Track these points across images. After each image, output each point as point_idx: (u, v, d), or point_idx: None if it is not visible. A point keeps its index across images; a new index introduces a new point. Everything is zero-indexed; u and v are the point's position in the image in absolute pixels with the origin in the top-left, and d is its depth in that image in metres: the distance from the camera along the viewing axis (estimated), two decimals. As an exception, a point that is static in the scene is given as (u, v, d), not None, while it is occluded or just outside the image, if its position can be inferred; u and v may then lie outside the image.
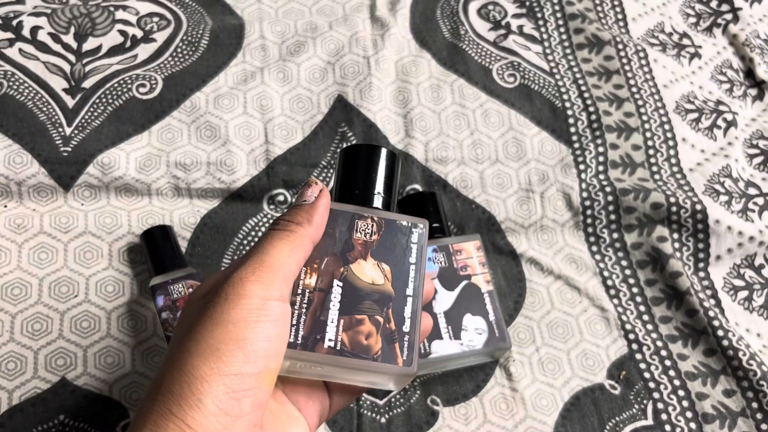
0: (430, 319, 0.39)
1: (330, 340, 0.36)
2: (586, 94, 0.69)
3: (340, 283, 0.37)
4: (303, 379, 0.37)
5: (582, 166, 0.65)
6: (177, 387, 0.29)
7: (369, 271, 0.38)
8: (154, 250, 0.53)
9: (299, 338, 0.35)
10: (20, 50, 0.60)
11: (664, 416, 0.55)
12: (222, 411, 0.29)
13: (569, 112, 0.68)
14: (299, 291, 0.36)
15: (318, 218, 0.36)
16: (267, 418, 0.33)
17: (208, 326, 0.30)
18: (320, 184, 0.37)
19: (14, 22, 0.61)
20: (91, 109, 0.59)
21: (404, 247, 0.40)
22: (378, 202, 0.41)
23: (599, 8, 0.75)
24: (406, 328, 0.37)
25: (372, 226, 0.39)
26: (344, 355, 0.35)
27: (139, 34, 0.63)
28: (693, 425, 0.55)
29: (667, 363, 0.57)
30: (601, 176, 0.64)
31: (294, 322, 0.34)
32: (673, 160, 0.67)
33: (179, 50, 0.63)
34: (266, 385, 0.31)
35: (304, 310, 0.35)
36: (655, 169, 0.66)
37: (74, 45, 0.61)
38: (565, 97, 0.69)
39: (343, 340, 0.36)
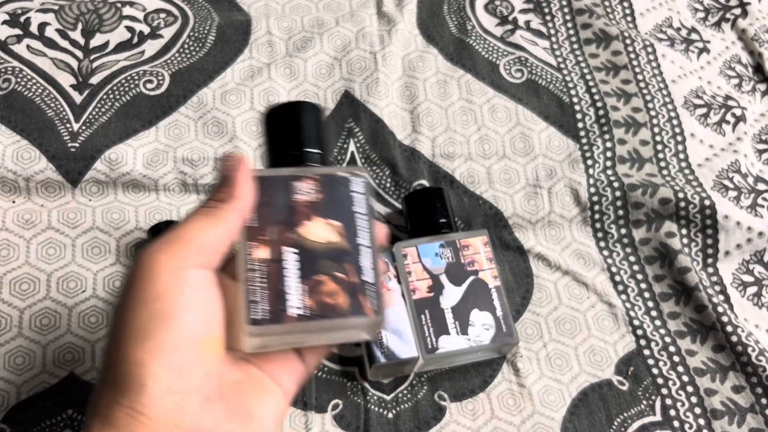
0: (384, 227, 0.38)
1: (296, 308, 0.35)
2: (593, 90, 0.69)
3: (293, 249, 0.36)
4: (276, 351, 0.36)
5: (590, 162, 0.65)
6: (118, 375, 0.28)
7: (319, 231, 0.37)
8: None
9: (265, 313, 0.33)
10: (28, 47, 0.60)
11: (672, 412, 0.55)
12: (168, 390, 0.28)
13: (577, 108, 0.68)
14: (253, 266, 0.34)
15: (241, 190, 0.33)
16: (230, 390, 0.31)
17: (133, 308, 0.29)
18: (236, 155, 0.34)
19: (22, 19, 0.61)
20: (99, 105, 0.59)
21: (348, 199, 0.38)
22: (312, 158, 0.40)
23: (607, 3, 0.75)
24: (367, 278, 0.37)
25: (311, 184, 0.38)
26: (313, 320, 0.34)
27: (146, 30, 0.63)
28: (702, 421, 0.54)
29: (676, 359, 0.57)
30: (609, 172, 0.64)
31: (256, 298, 0.33)
32: (681, 156, 0.66)
33: (186, 46, 0.63)
34: (209, 355, 0.30)
35: (264, 285, 0.34)
36: (663, 164, 0.65)
37: (82, 41, 0.62)
38: (573, 92, 0.68)
39: (308, 305, 0.35)
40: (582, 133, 0.66)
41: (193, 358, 0.29)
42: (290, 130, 0.40)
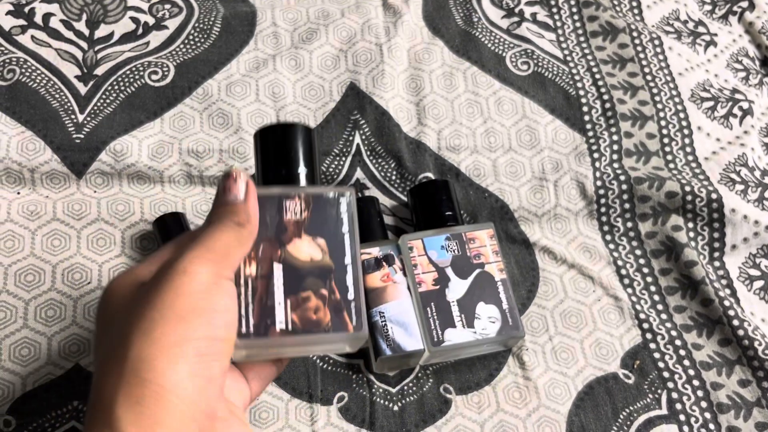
0: None
1: (281, 322, 0.37)
2: (600, 82, 0.68)
3: (280, 266, 0.38)
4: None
5: (596, 155, 0.64)
6: (147, 353, 0.29)
7: (306, 249, 0.39)
8: (167, 237, 0.53)
9: (251, 327, 0.35)
10: (32, 37, 0.60)
11: (678, 406, 0.54)
12: (195, 373, 0.30)
13: (583, 101, 0.67)
14: (242, 282, 0.36)
15: (254, 216, 0.36)
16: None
17: (171, 297, 0.31)
18: (244, 176, 0.37)
19: (26, 9, 0.61)
20: (104, 97, 0.59)
21: (335, 218, 0.40)
22: (302, 178, 0.42)
23: (613, -4, 0.75)
24: (350, 295, 0.39)
25: (300, 204, 0.40)
26: (297, 334, 0.37)
27: (151, 21, 0.63)
28: (708, 415, 0.54)
29: (682, 353, 0.57)
30: (615, 165, 0.64)
31: (242, 312, 0.35)
32: (688, 149, 0.66)
33: (191, 37, 0.63)
34: (229, 352, 0.33)
35: (250, 300, 0.36)
36: (669, 157, 0.65)
37: (86, 32, 0.61)
38: (579, 85, 0.68)
39: (293, 320, 0.37)
40: (588, 126, 0.66)
41: (219, 349, 0.31)
42: (282, 151, 0.42)
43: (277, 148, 0.42)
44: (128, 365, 0.29)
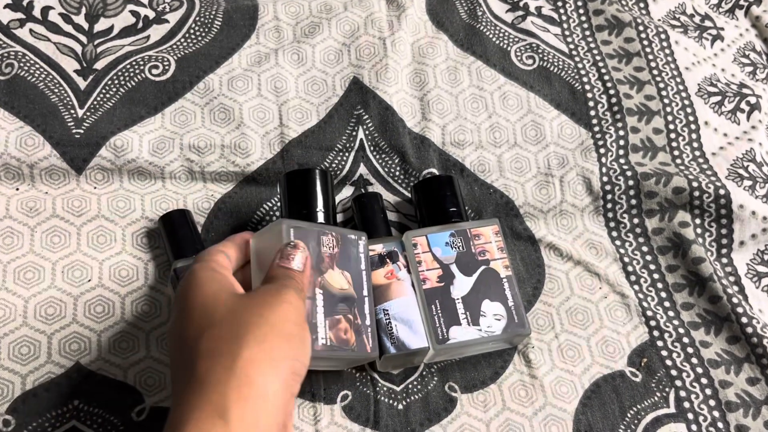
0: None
1: (323, 338, 0.44)
2: (606, 77, 0.67)
3: (321, 291, 0.45)
4: None
5: (602, 150, 0.63)
6: (258, 358, 0.35)
7: (337, 279, 0.47)
8: (174, 234, 0.53)
9: None
10: (31, 31, 0.59)
11: (686, 404, 0.54)
12: (285, 387, 0.36)
13: (589, 95, 0.66)
14: None
15: (308, 284, 0.44)
16: None
17: (280, 320, 0.37)
18: (306, 251, 0.44)
19: (25, 2, 0.60)
20: (104, 91, 0.58)
21: (356, 256, 0.49)
22: (329, 219, 0.51)
23: (619, -11, 0.74)
24: (368, 322, 0.47)
25: (333, 240, 0.48)
26: (334, 350, 0.44)
27: (152, 14, 0.62)
28: (716, 413, 0.54)
29: (690, 350, 0.56)
30: (622, 160, 0.63)
31: None
32: (695, 144, 0.65)
33: (192, 31, 0.62)
34: (304, 376, 0.39)
35: None
36: (676, 153, 0.64)
37: (86, 26, 0.61)
38: (585, 79, 0.67)
39: (330, 337, 0.44)
40: (594, 121, 0.65)
41: (302, 373, 0.39)
42: (316, 192, 0.51)
43: (310, 190, 0.51)
44: (239, 363, 0.35)
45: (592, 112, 0.66)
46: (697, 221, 0.61)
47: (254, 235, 0.47)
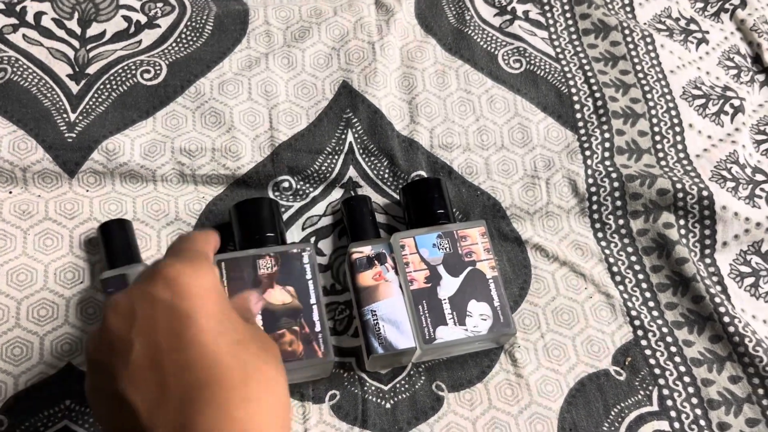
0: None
1: None
2: (592, 80, 0.68)
3: (258, 312, 0.47)
4: None
5: (588, 152, 0.64)
6: (269, 357, 0.35)
7: (278, 295, 0.50)
8: (111, 243, 0.53)
9: None
10: (24, 36, 0.60)
11: (669, 402, 0.55)
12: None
13: (575, 98, 0.67)
14: None
15: (256, 316, 0.44)
16: None
17: (270, 343, 0.37)
18: (262, 301, 0.48)
19: (18, 8, 0.61)
20: (96, 95, 0.59)
21: (300, 268, 0.51)
22: (272, 240, 0.52)
23: (606, -7, 0.75)
24: (317, 328, 0.49)
25: (271, 260, 0.51)
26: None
27: (143, 19, 0.63)
28: (698, 411, 0.55)
29: (673, 349, 0.57)
30: (607, 162, 0.64)
31: None
32: (679, 146, 0.66)
33: (183, 36, 0.63)
34: None
35: None
36: (661, 155, 0.65)
37: (78, 30, 0.61)
38: (571, 83, 0.68)
39: None
40: (580, 124, 0.66)
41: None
42: (255, 220, 0.54)
43: (249, 218, 0.54)
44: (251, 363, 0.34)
45: (578, 115, 0.67)
46: (681, 222, 0.62)
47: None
